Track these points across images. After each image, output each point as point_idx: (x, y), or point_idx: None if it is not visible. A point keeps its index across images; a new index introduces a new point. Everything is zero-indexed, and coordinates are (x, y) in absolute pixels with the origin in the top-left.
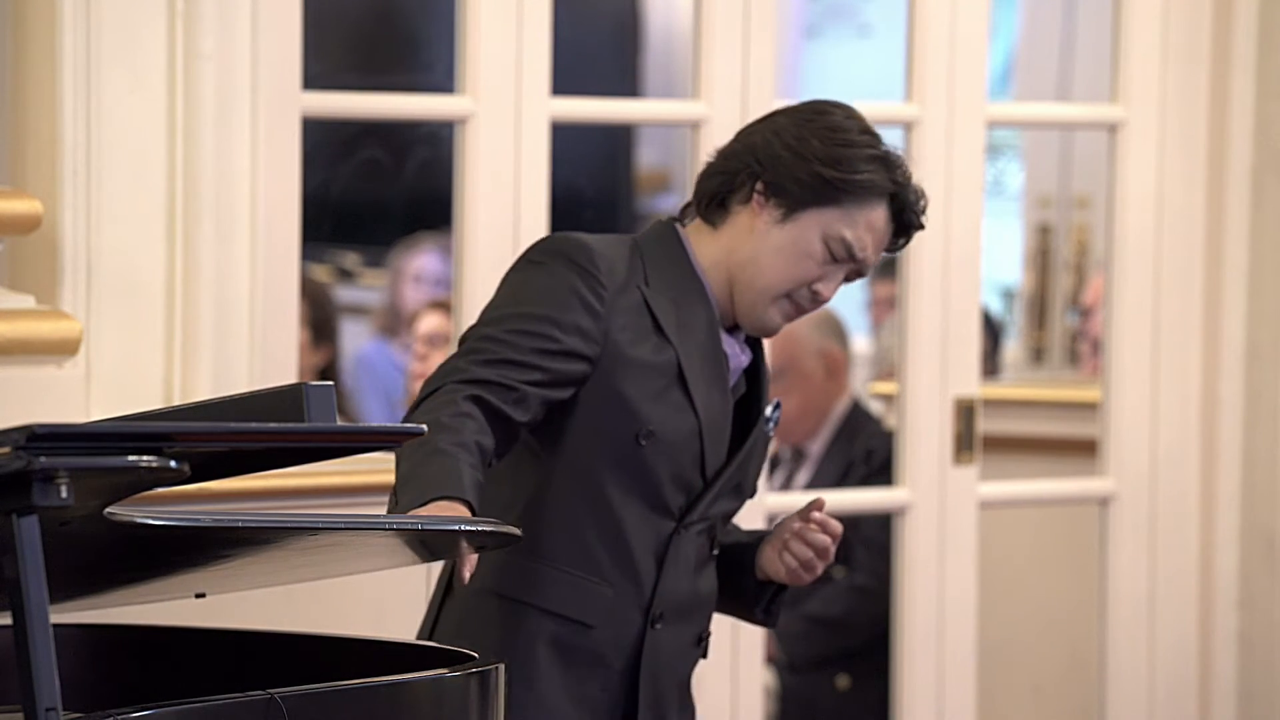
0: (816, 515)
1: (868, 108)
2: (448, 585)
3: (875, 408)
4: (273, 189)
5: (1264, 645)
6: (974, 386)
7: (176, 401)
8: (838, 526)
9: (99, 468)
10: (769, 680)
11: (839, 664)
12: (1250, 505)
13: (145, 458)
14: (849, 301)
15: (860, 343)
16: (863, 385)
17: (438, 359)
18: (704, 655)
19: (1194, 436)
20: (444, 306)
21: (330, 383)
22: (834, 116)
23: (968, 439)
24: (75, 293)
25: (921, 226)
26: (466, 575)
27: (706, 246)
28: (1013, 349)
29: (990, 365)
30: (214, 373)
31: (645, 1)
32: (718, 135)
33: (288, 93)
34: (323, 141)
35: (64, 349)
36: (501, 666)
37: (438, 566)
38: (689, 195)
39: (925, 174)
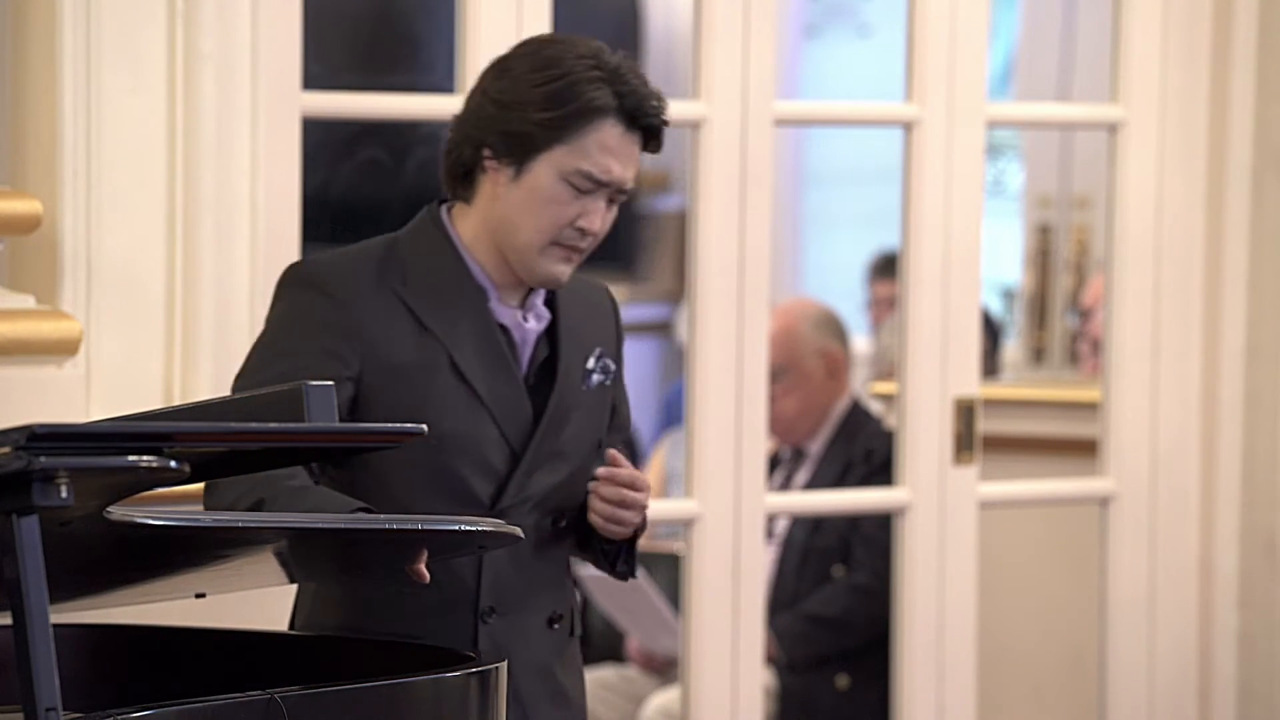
0: (600, 470)
1: (868, 108)
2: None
3: (875, 408)
4: (273, 189)
5: (1264, 645)
6: (974, 386)
7: (176, 401)
8: (626, 474)
9: (99, 468)
10: (769, 680)
11: (839, 664)
12: (1250, 505)
13: (145, 458)
14: (849, 301)
15: (860, 343)
16: (862, 385)
17: None
18: (572, 634)
19: (1194, 436)
20: None
21: (330, 383)
22: (538, 55)
23: (968, 439)
24: (75, 293)
25: (662, 124)
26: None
27: (467, 222)
28: (1013, 349)
29: (990, 365)
30: (214, 373)
31: (645, 1)
32: (718, 135)
33: (288, 93)
34: (323, 141)
35: (64, 349)
36: (502, 666)
37: None
38: (689, 196)
39: (925, 174)
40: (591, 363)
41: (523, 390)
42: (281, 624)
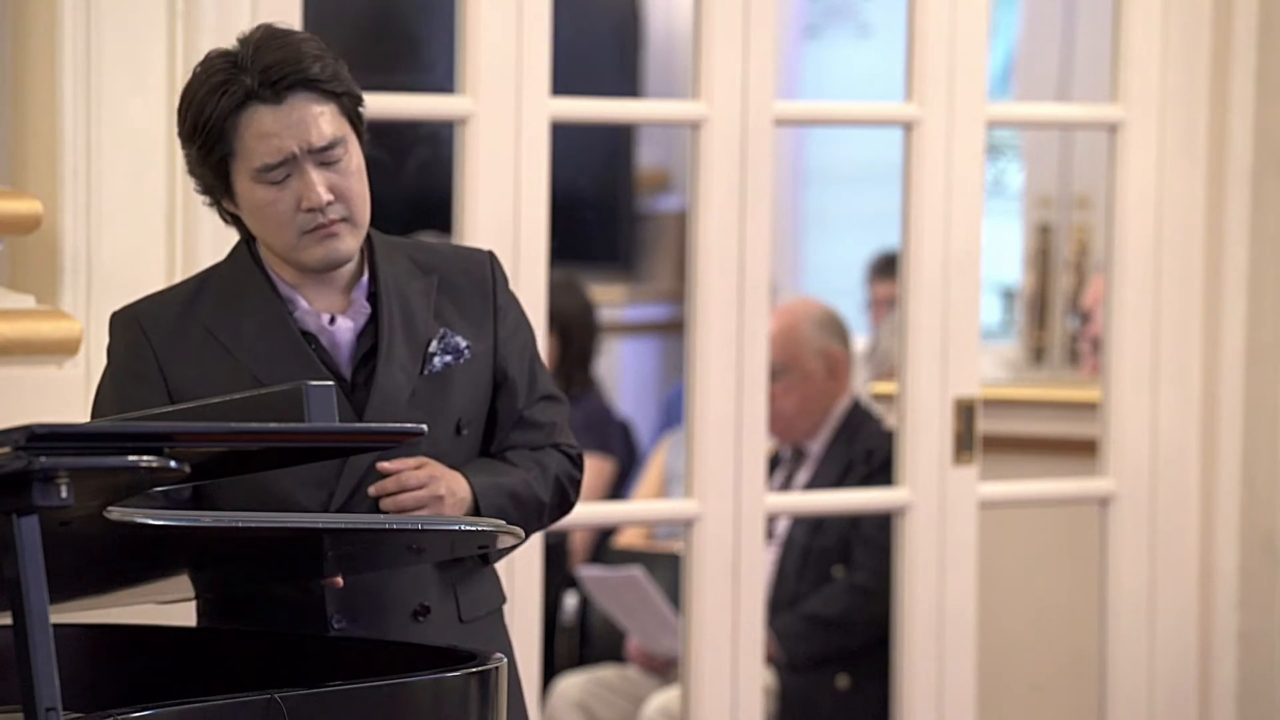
0: (373, 489)
1: (868, 108)
2: None
3: (874, 408)
4: None
5: (1264, 645)
6: (974, 386)
7: None
8: (390, 483)
9: (99, 468)
10: (769, 680)
11: (839, 664)
12: (1250, 505)
13: (145, 458)
14: (849, 301)
15: (859, 343)
16: (862, 385)
17: None
18: (458, 621)
19: (1194, 436)
20: None
21: (330, 383)
22: (181, 94)
23: (968, 439)
24: (75, 293)
25: (304, 73)
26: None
27: (260, 247)
28: (1013, 349)
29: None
30: None
31: (645, 1)
32: (718, 135)
33: None
34: None
35: (64, 349)
36: (502, 666)
37: None
38: (689, 196)
39: (925, 174)
40: (434, 345)
41: (335, 390)
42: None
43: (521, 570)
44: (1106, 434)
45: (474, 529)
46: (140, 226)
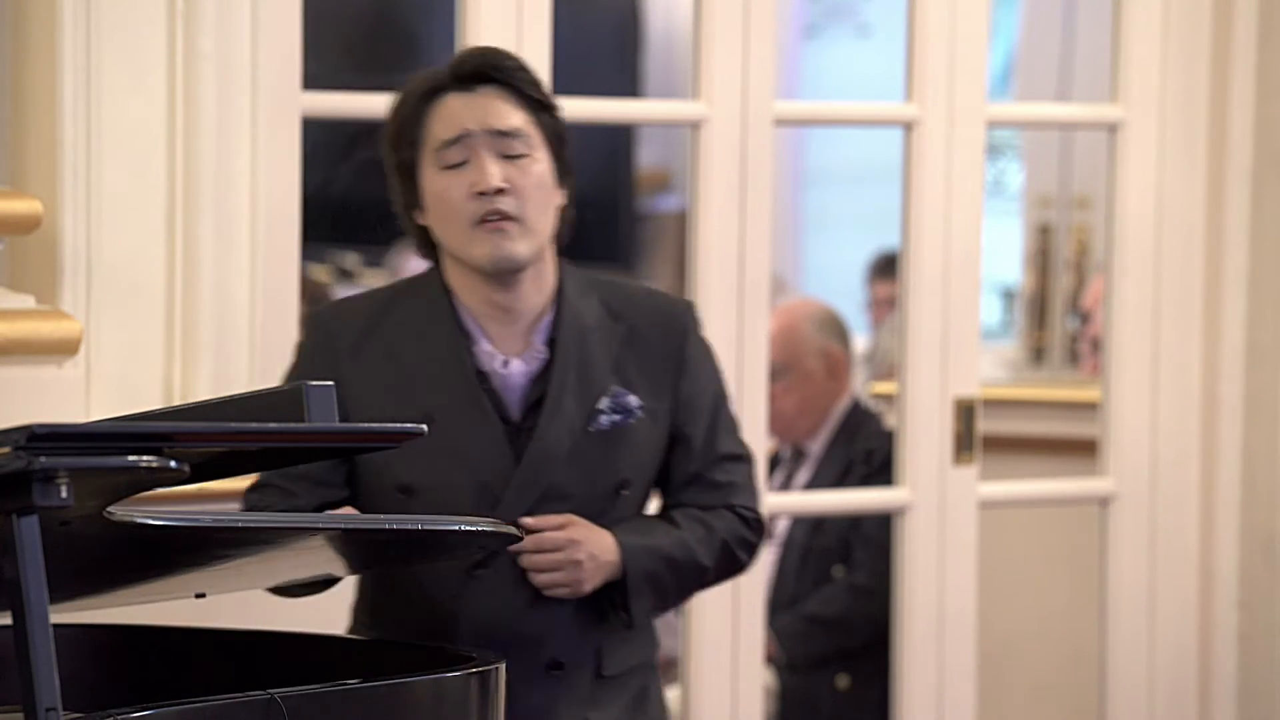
0: (511, 549)
1: (868, 108)
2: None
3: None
4: (273, 189)
5: (1264, 645)
6: (974, 386)
7: (176, 401)
8: (529, 541)
9: (99, 468)
10: (769, 680)
11: (839, 664)
12: (1250, 505)
13: (145, 458)
14: (849, 301)
15: (859, 343)
16: (862, 385)
17: None
18: (597, 676)
19: (1194, 436)
20: None
21: (330, 383)
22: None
23: (968, 439)
24: (75, 293)
25: (496, 66)
26: None
27: (447, 269)
28: (1013, 349)
29: None
30: (214, 373)
31: (645, 1)
32: (718, 135)
33: (288, 93)
34: (323, 141)
35: (64, 349)
36: (502, 666)
37: None
38: (689, 196)
39: (925, 174)
40: (605, 402)
41: (502, 437)
42: (281, 624)
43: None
44: (1106, 434)
45: (474, 529)
46: (140, 226)
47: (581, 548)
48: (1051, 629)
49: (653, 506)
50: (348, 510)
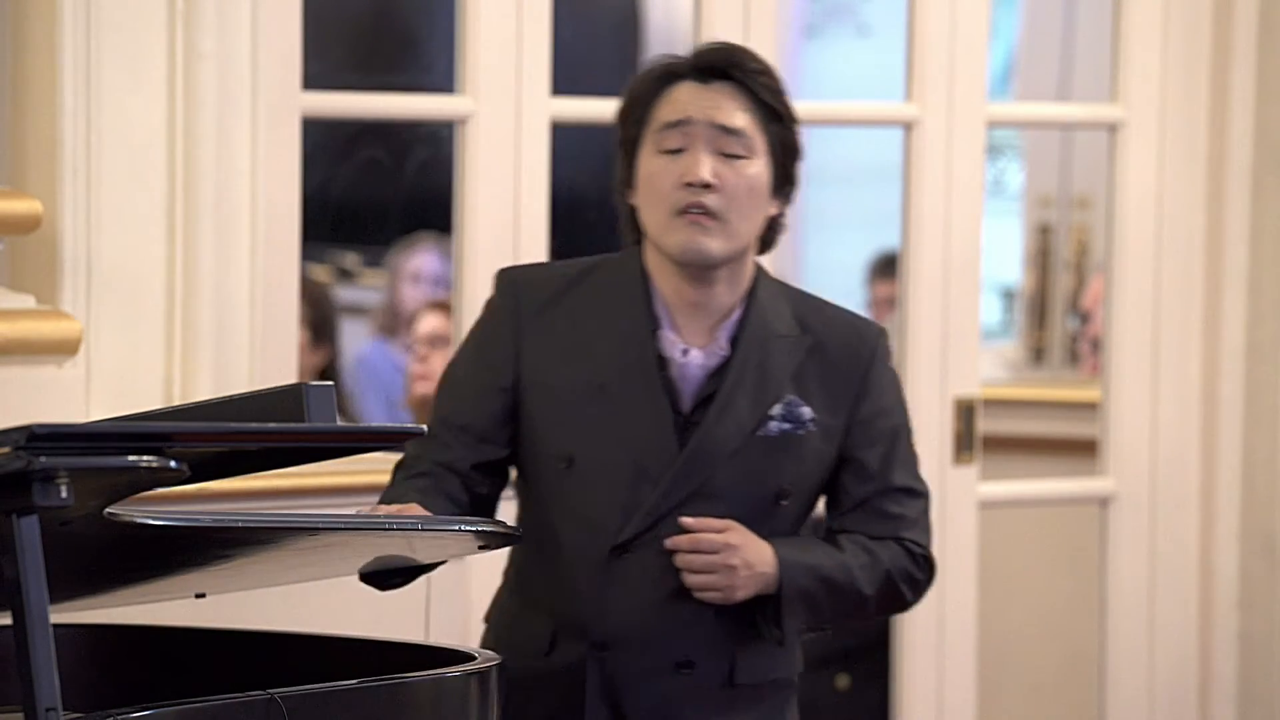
0: (667, 541)
1: (868, 108)
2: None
3: None
4: (273, 189)
5: (1264, 645)
6: (974, 386)
7: (176, 401)
8: (685, 540)
9: (99, 468)
10: None
11: (839, 664)
12: (1250, 505)
13: (145, 458)
14: (849, 301)
15: None
16: None
17: (439, 361)
18: (728, 684)
19: (1194, 436)
20: (443, 307)
21: (330, 383)
22: None
23: (968, 439)
24: (75, 293)
25: (737, 65)
26: None
27: (646, 250)
28: (1013, 349)
29: None
30: (214, 373)
31: (645, 1)
32: None
33: (288, 93)
34: (323, 141)
35: (64, 349)
36: (502, 664)
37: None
38: None
39: (925, 174)
40: (778, 409)
41: (669, 426)
42: (280, 624)
43: None
44: (1106, 434)
45: (474, 529)
46: (140, 226)
47: (738, 554)
48: (1051, 629)
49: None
50: (414, 508)
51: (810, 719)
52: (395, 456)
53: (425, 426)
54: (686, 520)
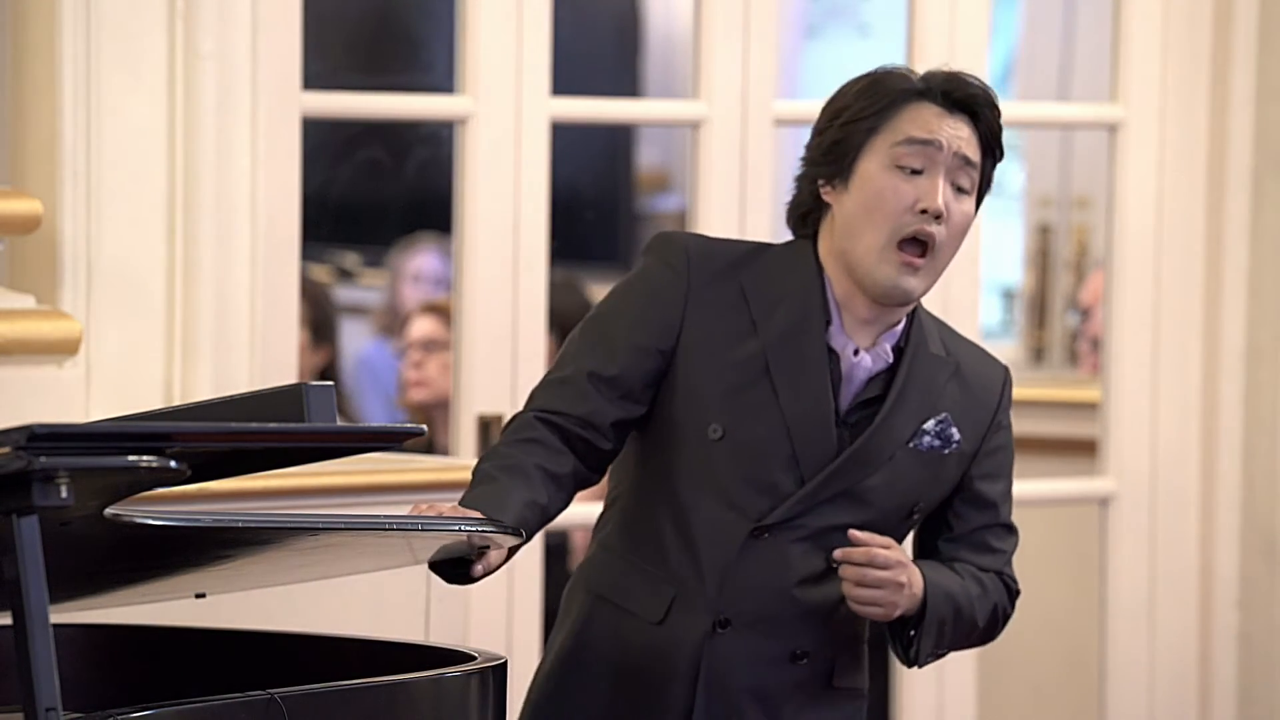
0: (837, 552)
1: None
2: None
3: None
4: (273, 189)
5: (1264, 645)
6: None
7: (176, 401)
8: (860, 553)
9: (99, 468)
10: None
11: None
12: (1250, 505)
13: (145, 458)
14: None
15: None
16: None
17: (433, 366)
18: (831, 683)
19: (1194, 436)
20: (436, 310)
21: (330, 383)
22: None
23: None
24: (75, 293)
25: (981, 101)
26: (479, 570)
27: (825, 253)
28: (1013, 349)
29: None
30: (214, 373)
31: (645, 1)
32: (718, 135)
33: (288, 93)
34: (323, 141)
35: (64, 349)
36: (502, 665)
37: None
38: (689, 196)
39: None
40: (931, 424)
41: (831, 419)
42: (280, 624)
43: (522, 569)
44: (1106, 434)
45: (475, 529)
46: (140, 227)
47: (904, 571)
48: (1051, 629)
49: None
50: (471, 510)
51: None
52: (395, 456)
53: (424, 427)
54: (857, 534)
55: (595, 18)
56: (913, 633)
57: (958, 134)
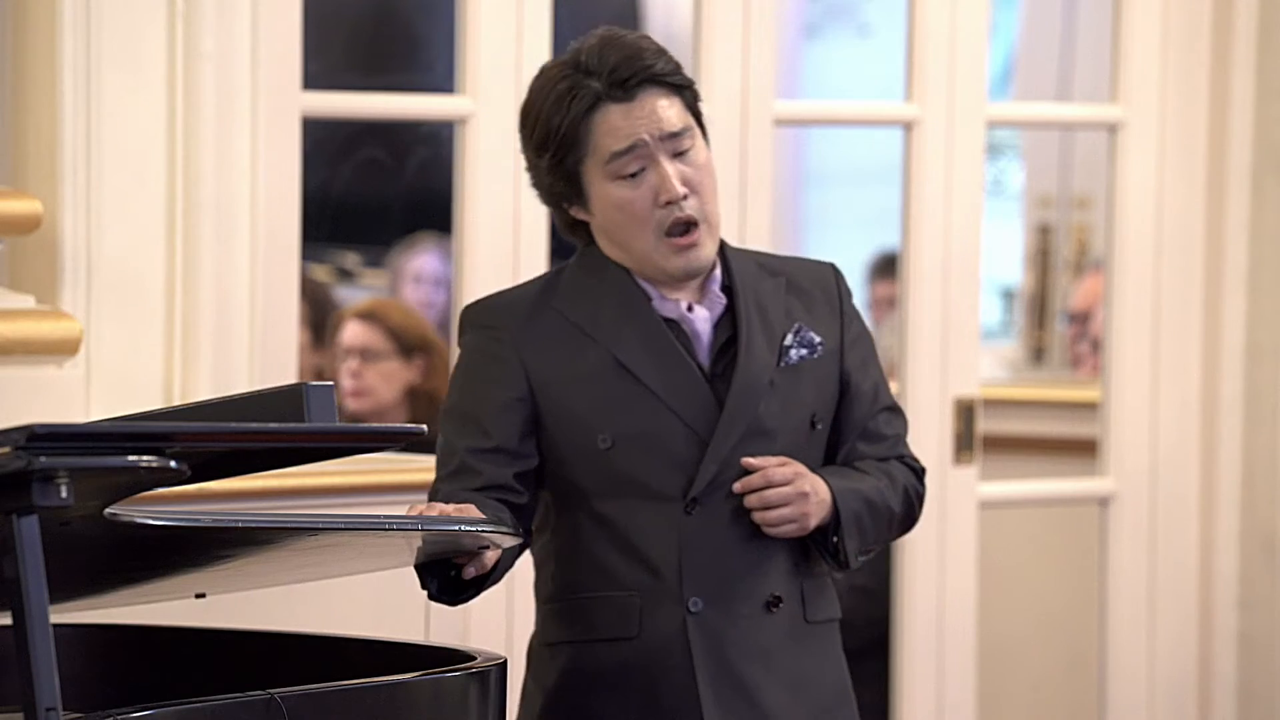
0: (736, 485)
1: (868, 108)
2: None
3: None
4: (273, 189)
5: (1264, 645)
6: (974, 386)
7: (176, 401)
8: (757, 478)
9: (99, 468)
10: None
11: None
12: (1250, 505)
13: (145, 458)
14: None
15: None
16: None
17: (373, 376)
18: (806, 618)
19: (1194, 436)
20: (366, 316)
21: (330, 383)
22: (522, 109)
23: (968, 439)
24: (75, 293)
25: (655, 71)
26: (471, 572)
27: (607, 250)
28: (1013, 349)
29: None
30: (214, 373)
31: (645, 1)
32: (718, 135)
33: (288, 93)
34: (323, 141)
35: (64, 349)
36: (502, 665)
37: None
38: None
39: (925, 174)
40: (789, 338)
41: (699, 378)
42: (280, 624)
43: (522, 565)
44: (1106, 434)
45: (474, 529)
46: (140, 226)
47: (805, 480)
48: (1051, 629)
49: None
50: (470, 509)
51: None
52: (395, 457)
53: (424, 427)
54: (749, 461)
55: (595, 18)
56: (835, 539)
57: (651, 117)
